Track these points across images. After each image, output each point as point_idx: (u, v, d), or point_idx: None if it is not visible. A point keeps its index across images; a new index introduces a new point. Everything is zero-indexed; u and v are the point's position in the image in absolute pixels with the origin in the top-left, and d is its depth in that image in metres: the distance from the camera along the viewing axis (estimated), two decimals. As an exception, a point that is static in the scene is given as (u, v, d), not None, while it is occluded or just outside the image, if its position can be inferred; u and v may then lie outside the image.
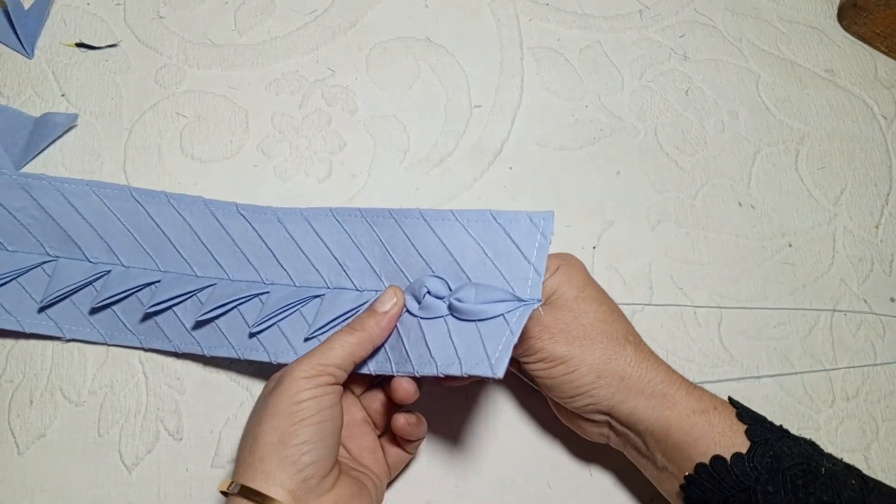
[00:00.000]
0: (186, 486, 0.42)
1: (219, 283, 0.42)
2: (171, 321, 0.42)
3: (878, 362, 0.45)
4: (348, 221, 0.40)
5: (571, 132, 0.50)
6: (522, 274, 0.36)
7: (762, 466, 0.34)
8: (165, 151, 0.48)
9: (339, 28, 0.51)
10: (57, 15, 0.51)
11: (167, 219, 0.42)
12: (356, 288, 0.40)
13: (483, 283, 0.36)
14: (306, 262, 0.41)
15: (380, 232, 0.39)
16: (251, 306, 0.41)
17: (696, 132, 0.50)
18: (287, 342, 0.41)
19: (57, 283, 0.42)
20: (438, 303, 0.37)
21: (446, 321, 0.37)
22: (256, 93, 0.49)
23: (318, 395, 0.34)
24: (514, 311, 0.35)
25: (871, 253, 0.49)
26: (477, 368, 0.35)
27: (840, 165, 0.50)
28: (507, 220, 0.36)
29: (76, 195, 0.42)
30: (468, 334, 0.36)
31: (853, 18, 0.53)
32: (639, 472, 0.40)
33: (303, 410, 0.34)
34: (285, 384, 0.34)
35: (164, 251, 0.42)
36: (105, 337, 0.43)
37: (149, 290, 0.42)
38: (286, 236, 0.41)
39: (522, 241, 0.36)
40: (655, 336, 0.46)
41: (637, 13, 0.53)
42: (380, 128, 0.49)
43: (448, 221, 0.37)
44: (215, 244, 0.42)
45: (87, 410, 0.43)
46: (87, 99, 0.49)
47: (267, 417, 0.34)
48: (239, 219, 0.42)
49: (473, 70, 0.51)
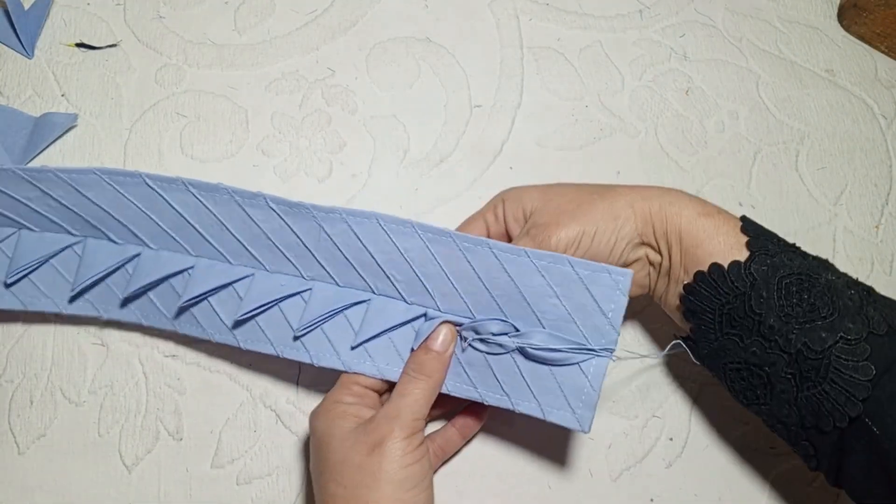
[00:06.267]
0: (186, 486, 0.42)
1: (256, 275, 0.39)
2: (206, 311, 0.40)
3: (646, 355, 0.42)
4: (397, 234, 0.37)
5: (571, 132, 0.50)
6: (598, 326, 0.36)
7: (758, 274, 0.34)
8: (165, 151, 0.48)
9: (339, 28, 0.51)
10: (57, 15, 0.51)
11: (190, 208, 0.39)
12: (405, 300, 0.38)
13: (556, 329, 0.36)
14: (349, 265, 0.38)
15: (435, 251, 0.37)
16: (293, 304, 0.39)
17: (696, 132, 0.50)
18: (331, 346, 0.39)
19: (87, 269, 0.40)
20: (505, 339, 0.36)
21: (513, 357, 0.37)
22: (256, 93, 0.49)
23: (419, 458, 0.35)
24: (589, 360, 0.36)
25: (871, 253, 0.49)
26: (561, 418, 0.36)
27: (840, 165, 0.50)
28: (584, 269, 0.36)
29: (86, 185, 0.40)
30: (542, 376, 0.36)
31: (853, 18, 0.53)
32: (639, 472, 0.40)
33: (414, 476, 0.34)
34: (387, 446, 0.34)
35: (191, 238, 0.40)
36: (142, 318, 0.42)
37: (182, 276, 0.40)
38: (325, 237, 0.38)
39: (601, 294, 0.35)
40: (656, 336, 0.46)
41: (637, 13, 0.53)
42: (380, 128, 0.49)
43: (520, 259, 0.36)
44: (246, 235, 0.39)
45: (87, 410, 0.43)
46: (87, 99, 0.49)
47: (378, 483, 0.34)
48: (269, 212, 0.38)
49: (473, 70, 0.51)
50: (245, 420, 0.43)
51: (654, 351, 0.45)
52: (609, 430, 0.44)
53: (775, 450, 0.44)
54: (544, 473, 0.43)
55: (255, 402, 0.44)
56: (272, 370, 0.44)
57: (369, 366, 0.38)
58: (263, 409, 0.44)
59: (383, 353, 0.38)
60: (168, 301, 0.41)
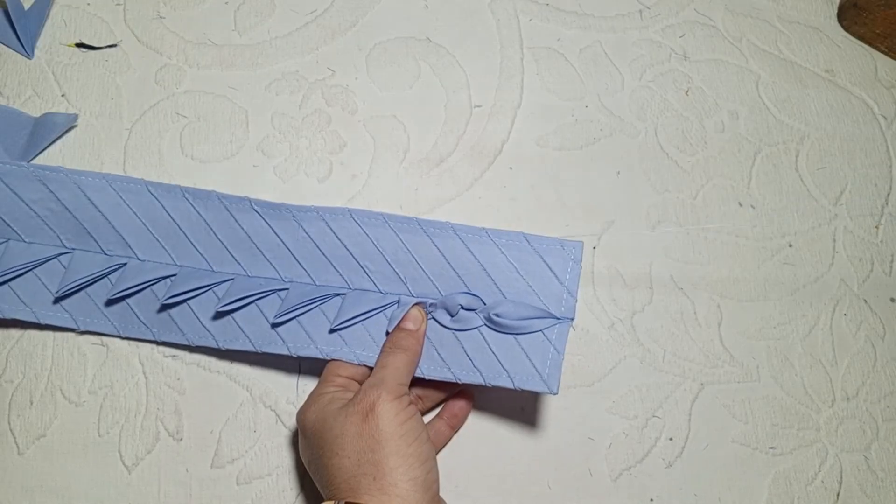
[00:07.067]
0: (186, 486, 0.42)
1: (236, 279, 0.42)
2: (185, 314, 0.42)
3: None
4: (369, 225, 0.41)
5: (571, 132, 0.50)
6: (556, 295, 0.40)
7: None
8: (165, 151, 0.48)
9: (339, 28, 0.51)
10: (57, 15, 0.51)
11: (183, 213, 0.42)
12: (379, 290, 0.41)
13: (518, 301, 0.39)
14: (326, 262, 0.41)
15: (405, 239, 0.40)
16: (270, 302, 0.41)
17: (696, 132, 0.50)
18: (307, 336, 0.41)
19: (72, 274, 0.42)
20: (472, 315, 0.40)
21: (482, 332, 0.40)
22: (256, 93, 0.49)
23: (412, 414, 0.36)
24: (552, 328, 0.39)
25: (871, 253, 0.49)
26: (530, 384, 0.39)
27: (840, 165, 0.50)
28: (539, 244, 0.40)
29: (93, 188, 0.42)
30: (509, 347, 0.39)
31: (853, 18, 0.53)
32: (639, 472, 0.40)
33: (412, 430, 0.36)
34: (379, 409, 0.35)
35: (180, 245, 0.42)
36: (119, 329, 0.43)
37: (164, 283, 0.42)
38: (304, 235, 0.41)
39: (556, 264, 0.40)
40: (656, 336, 0.46)
41: (637, 13, 0.53)
42: (380, 128, 0.49)
43: (481, 238, 0.40)
44: (231, 239, 0.42)
45: (87, 410, 0.43)
46: (87, 99, 0.49)
47: (380, 443, 0.35)
48: (253, 214, 0.42)
49: (473, 70, 0.51)
50: (245, 420, 0.43)
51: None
52: (609, 430, 0.44)
53: (775, 450, 0.44)
54: (544, 473, 0.43)
55: (255, 402, 0.44)
56: (272, 371, 0.44)
57: (346, 352, 0.41)
58: (263, 409, 0.44)
59: (359, 340, 0.41)
60: (148, 309, 0.42)
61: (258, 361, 0.44)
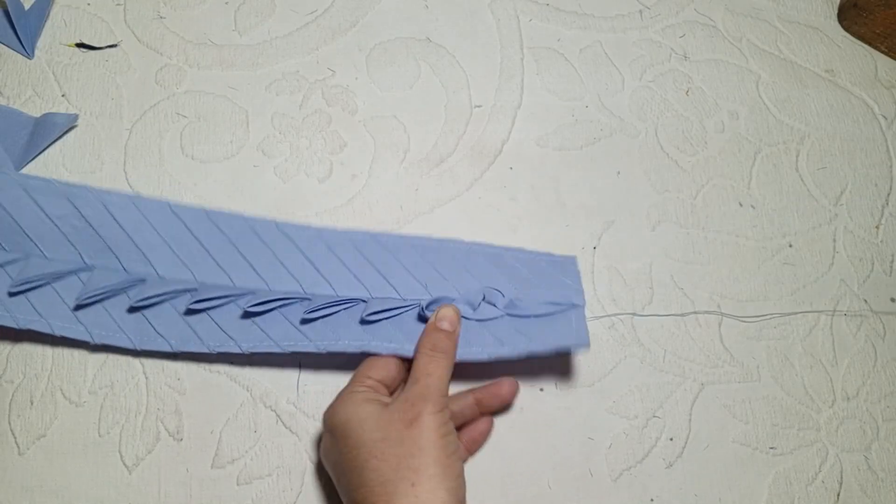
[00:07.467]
0: (187, 486, 0.42)
1: (258, 292, 0.42)
2: (205, 323, 0.42)
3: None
4: (391, 243, 0.43)
5: (571, 132, 0.50)
6: (566, 288, 0.43)
7: None
8: (166, 151, 0.48)
9: (339, 28, 0.51)
10: (57, 15, 0.51)
11: (207, 234, 0.43)
12: (401, 297, 0.42)
13: (533, 294, 0.42)
14: (351, 277, 0.43)
15: (423, 252, 0.43)
16: (293, 310, 0.42)
17: (697, 132, 0.50)
18: (334, 332, 0.41)
19: (92, 286, 0.41)
20: (493, 308, 0.42)
21: (505, 320, 0.42)
22: (256, 93, 0.49)
23: (452, 430, 0.37)
24: (569, 311, 0.42)
25: (871, 253, 0.49)
26: (563, 340, 0.41)
27: (840, 165, 0.50)
28: (543, 256, 0.44)
29: (117, 206, 0.43)
30: (533, 326, 0.42)
31: (853, 18, 0.53)
32: (639, 472, 0.40)
33: (451, 444, 0.36)
34: (424, 420, 0.36)
35: (202, 264, 0.43)
36: (135, 343, 0.42)
37: (184, 297, 0.42)
38: (328, 253, 0.43)
39: (562, 272, 0.44)
40: (656, 336, 0.46)
41: (637, 13, 0.53)
42: (380, 128, 0.49)
43: (493, 250, 0.44)
44: (256, 257, 0.43)
45: (87, 411, 0.43)
46: (87, 99, 0.49)
47: (423, 451, 0.35)
48: (280, 236, 0.43)
49: (473, 70, 0.51)
50: (245, 420, 0.43)
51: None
52: (609, 430, 0.44)
53: (775, 450, 0.44)
54: (544, 473, 0.43)
55: (256, 403, 0.44)
56: (273, 371, 0.44)
57: (376, 345, 0.41)
58: (264, 410, 0.44)
59: (387, 334, 0.41)
60: (166, 320, 0.42)
61: (258, 362, 0.44)
